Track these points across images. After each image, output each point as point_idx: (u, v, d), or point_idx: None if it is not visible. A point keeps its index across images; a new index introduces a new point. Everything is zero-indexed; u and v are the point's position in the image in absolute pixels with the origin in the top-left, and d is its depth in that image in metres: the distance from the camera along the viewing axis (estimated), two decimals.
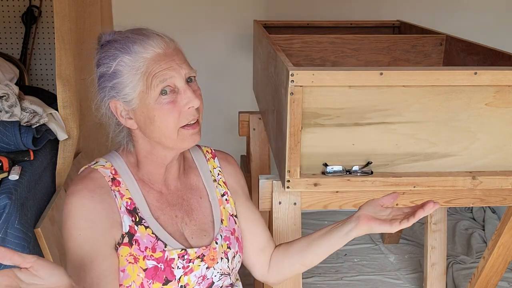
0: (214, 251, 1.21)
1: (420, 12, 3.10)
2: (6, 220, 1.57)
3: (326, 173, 1.50)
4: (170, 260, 1.14)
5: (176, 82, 1.11)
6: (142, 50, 1.11)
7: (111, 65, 1.12)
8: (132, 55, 1.11)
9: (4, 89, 1.87)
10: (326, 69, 1.42)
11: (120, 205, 1.14)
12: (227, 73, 3.08)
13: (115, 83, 1.13)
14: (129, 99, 1.13)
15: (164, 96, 1.11)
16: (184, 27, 3.02)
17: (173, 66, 1.11)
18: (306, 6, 3.08)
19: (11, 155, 1.77)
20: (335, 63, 2.32)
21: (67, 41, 1.88)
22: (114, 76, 1.13)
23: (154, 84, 1.10)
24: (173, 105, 1.11)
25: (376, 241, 2.99)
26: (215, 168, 1.33)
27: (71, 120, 1.95)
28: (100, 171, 1.17)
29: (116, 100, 1.14)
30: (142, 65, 1.11)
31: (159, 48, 1.12)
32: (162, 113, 1.11)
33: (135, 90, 1.11)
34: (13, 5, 2.95)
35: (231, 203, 1.30)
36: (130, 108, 1.14)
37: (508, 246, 1.86)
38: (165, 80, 1.10)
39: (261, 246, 1.33)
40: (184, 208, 1.23)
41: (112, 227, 1.11)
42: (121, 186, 1.17)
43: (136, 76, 1.11)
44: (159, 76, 1.10)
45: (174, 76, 1.11)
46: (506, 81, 1.44)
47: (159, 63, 1.11)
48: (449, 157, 1.53)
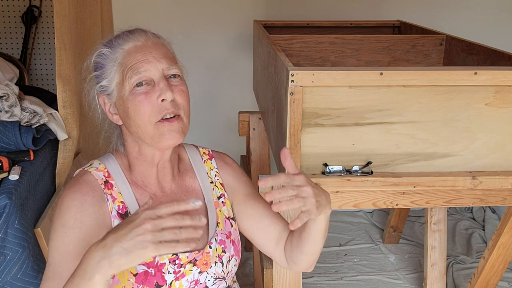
0: (208, 256, 1.19)
1: (420, 12, 3.10)
2: (6, 220, 1.57)
3: (326, 173, 1.50)
4: (160, 265, 1.13)
5: (152, 75, 1.11)
6: (122, 42, 1.12)
7: (92, 58, 1.15)
8: (111, 48, 1.13)
9: (4, 89, 1.87)
10: (326, 69, 1.42)
11: (112, 209, 1.13)
12: (227, 73, 3.08)
13: (96, 75, 1.15)
14: (109, 92, 1.14)
15: (138, 88, 1.10)
16: (184, 27, 3.02)
17: (148, 59, 1.11)
18: (306, 6, 3.08)
19: (11, 155, 1.77)
20: (335, 63, 2.32)
21: (67, 41, 1.87)
22: (95, 68, 1.15)
23: (128, 76, 1.10)
24: (145, 96, 1.10)
25: (376, 241, 2.99)
26: (212, 169, 1.31)
27: (71, 120, 1.95)
28: (93, 173, 1.16)
29: (102, 95, 1.15)
30: (119, 56, 1.12)
31: (138, 41, 1.12)
32: (134, 105, 1.10)
33: (113, 82, 1.12)
34: (13, 5, 2.95)
35: (227, 206, 1.29)
36: (112, 102, 1.15)
37: (508, 246, 1.86)
38: (139, 73, 1.10)
39: (275, 238, 1.28)
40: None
41: (100, 231, 1.10)
42: (113, 189, 1.16)
43: (113, 67, 1.12)
44: (134, 68, 1.10)
45: (150, 69, 1.10)
46: (506, 81, 1.44)
47: (135, 55, 1.11)
48: (449, 157, 1.53)
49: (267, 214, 1.30)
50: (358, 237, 3.05)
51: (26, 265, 1.61)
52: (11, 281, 1.60)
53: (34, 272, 1.63)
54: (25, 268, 1.61)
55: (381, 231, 3.09)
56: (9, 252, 1.58)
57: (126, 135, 1.18)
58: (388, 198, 1.61)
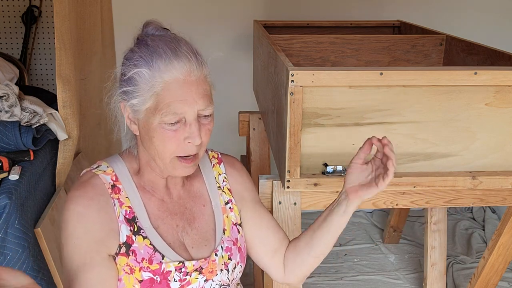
0: (214, 263, 1.18)
1: (420, 12, 3.10)
2: (6, 220, 1.57)
3: (326, 173, 1.50)
4: (166, 273, 1.11)
5: (186, 116, 1.07)
6: (164, 69, 1.05)
7: (130, 71, 1.08)
8: (151, 70, 1.06)
9: (4, 89, 1.87)
10: (326, 69, 1.42)
11: (119, 214, 1.11)
12: (227, 73, 3.08)
13: (128, 90, 1.09)
14: (136, 109, 1.09)
15: (169, 125, 1.07)
16: (184, 27, 2.99)
17: (188, 100, 1.06)
18: (306, 6, 3.08)
19: (11, 155, 1.77)
20: (335, 63, 2.32)
21: (67, 41, 1.88)
22: (129, 83, 1.09)
23: (163, 112, 1.05)
24: (174, 134, 1.07)
25: (376, 241, 3.00)
26: (220, 174, 1.29)
27: (71, 120, 1.95)
28: (100, 177, 1.14)
29: (125, 102, 1.11)
30: (157, 84, 1.05)
31: (181, 74, 1.06)
32: (161, 138, 1.07)
33: (144, 105, 1.07)
34: (13, 5, 2.95)
35: (235, 212, 1.27)
36: (136, 116, 1.11)
37: (508, 246, 1.86)
38: (176, 114, 1.05)
39: (273, 248, 1.29)
40: (186, 217, 1.20)
41: (107, 237, 1.09)
42: (121, 193, 1.14)
43: (148, 93, 1.06)
44: (170, 106, 1.05)
45: (186, 112, 1.06)
46: (506, 81, 1.44)
47: (175, 91, 1.05)
48: (449, 157, 1.53)
49: (270, 221, 1.31)
50: (358, 237, 3.05)
51: (26, 265, 1.61)
52: None
53: (34, 272, 1.63)
54: (25, 268, 1.61)
55: (381, 231, 3.09)
56: (9, 252, 1.58)
57: (139, 142, 1.16)
58: (388, 198, 1.61)
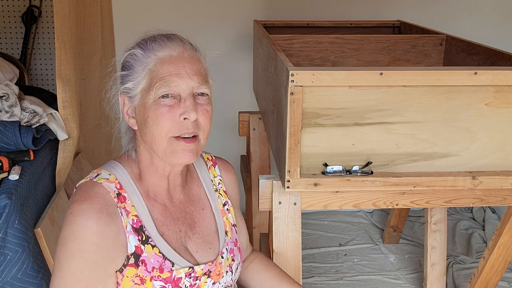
0: (220, 266, 1.18)
1: (420, 12, 3.10)
2: (6, 220, 1.57)
3: (326, 173, 1.50)
4: (177, 280, 1.10)
5: (180, 90, 1.06)
6: (157, 47, 1.07)
7: (125, 56, 1.10)
8: (145, 51, 1.07)
9: (4, 89, 1.87)
10: (326, 69, 1.42)
11: (126, 224, 1.08)
12: (227, 73, 3.08)
13: (123, 75, 1.10)
14: (132, 95, 1.09)
15: (163, 99, 1.06)
16: (184, 27, 2.99)
17: (181, 73, 1.06)
18: (306, 6, 3.08)
19: (11, 155, 1.77)
20: (335, 63, 2.32)
21: (67, 41, 1.88)
22: (124, 67, 1.10)
23: (157, 86, 1.05)
24: (168, 109, 1.06)
25: (376, 241, 2.99)
26: (216, 177, 1.29)
27: (71, 120, 1.95)
28: (104, 185, 1.09)
29: (123, 95, 1.11)
30: (151, 62, 1.06)
31: (174, 50, 1.07)
32: (155, 115, 1.06)
33: (138, 86, 1.08)
34: (13, 5, 2.94)
35: (231, 213, 1.28)
36: (133, 105, 1.10)
37: (508, 246, 1.86)
38: (169, 86, 1.05)
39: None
40: (187, 222, 1.19)
41: (116, 251, 1.06)
42: (126, 202, 1.10)
43: (143, 72, 1.07)
44: (164, 79, 1.05)
45: (180, 85, 1.06)
46: (506, 81, 1.44)
47: (168, 65, 1.06)
48: (449, 157, 1.53)
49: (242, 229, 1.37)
50: (358, 237, 3.05)
51: (26, 265, 1.61)
52: (11, 281, 1.59)
53: (34, 272, 1.63)
54: (25, 268, 1.61)
55: (381, 231, 3.09)
56: (9, 252, 1.58)
57: (139, 141, 1.14)
58: (388, 198, 1.61)
